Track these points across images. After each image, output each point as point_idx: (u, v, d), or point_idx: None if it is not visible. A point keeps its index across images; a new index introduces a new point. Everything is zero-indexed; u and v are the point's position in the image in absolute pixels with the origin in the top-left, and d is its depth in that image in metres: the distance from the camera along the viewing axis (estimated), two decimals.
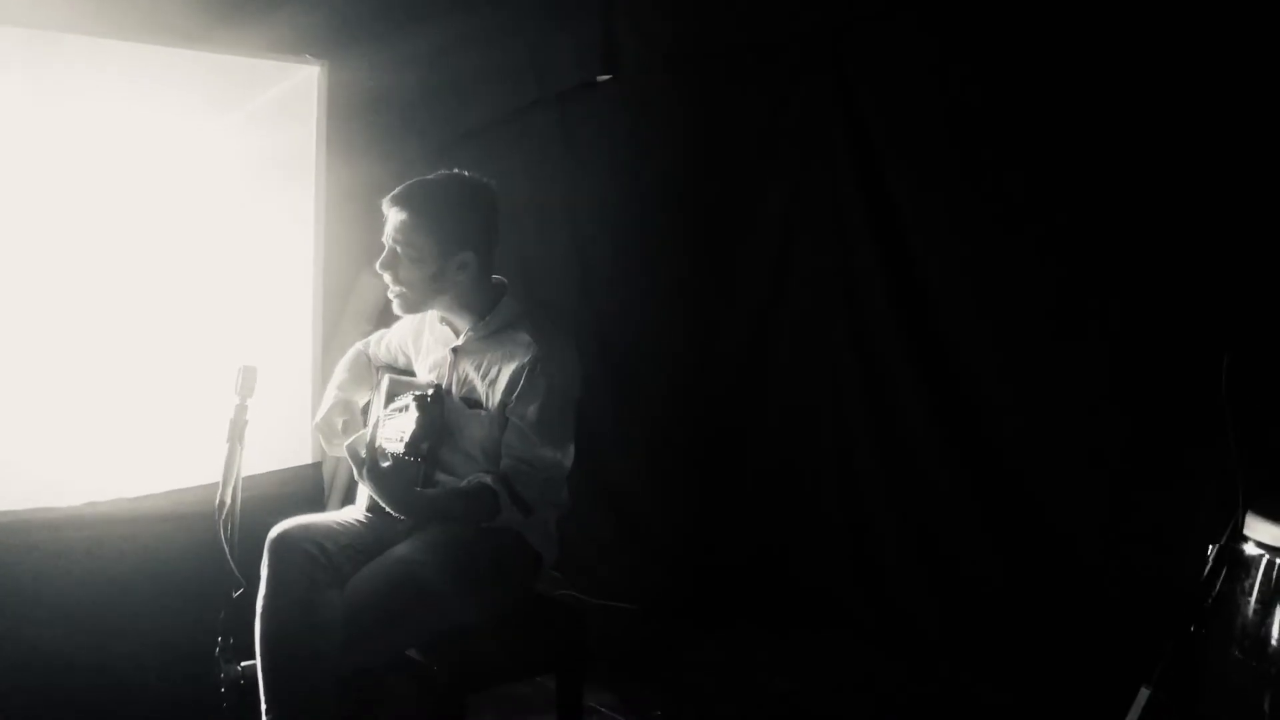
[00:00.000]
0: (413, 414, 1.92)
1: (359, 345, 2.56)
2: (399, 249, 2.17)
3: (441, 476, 2.21)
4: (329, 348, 3.32)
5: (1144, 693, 1.38)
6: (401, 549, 2.13)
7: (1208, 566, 1.46)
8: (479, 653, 2.12)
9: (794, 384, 3.60)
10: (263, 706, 2.01)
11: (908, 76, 3.15)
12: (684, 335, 3.90)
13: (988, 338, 3.03)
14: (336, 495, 3.41)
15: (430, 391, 2.02)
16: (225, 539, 2.11)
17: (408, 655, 2.12)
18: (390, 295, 2.24)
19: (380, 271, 2.20)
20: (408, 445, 1.92)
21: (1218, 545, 1.45)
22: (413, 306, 2.24)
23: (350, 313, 3.62)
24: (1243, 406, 1.46)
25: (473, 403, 2.21)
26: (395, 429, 1.99)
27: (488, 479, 2.08)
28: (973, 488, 3.08)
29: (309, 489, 3.18)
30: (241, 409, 2.12)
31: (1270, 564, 1.71)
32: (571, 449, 2.26)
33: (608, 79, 4.03)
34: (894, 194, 3.21)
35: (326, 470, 3.31)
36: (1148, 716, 1.35)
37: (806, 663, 3.32)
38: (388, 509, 1.98)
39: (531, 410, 2.12)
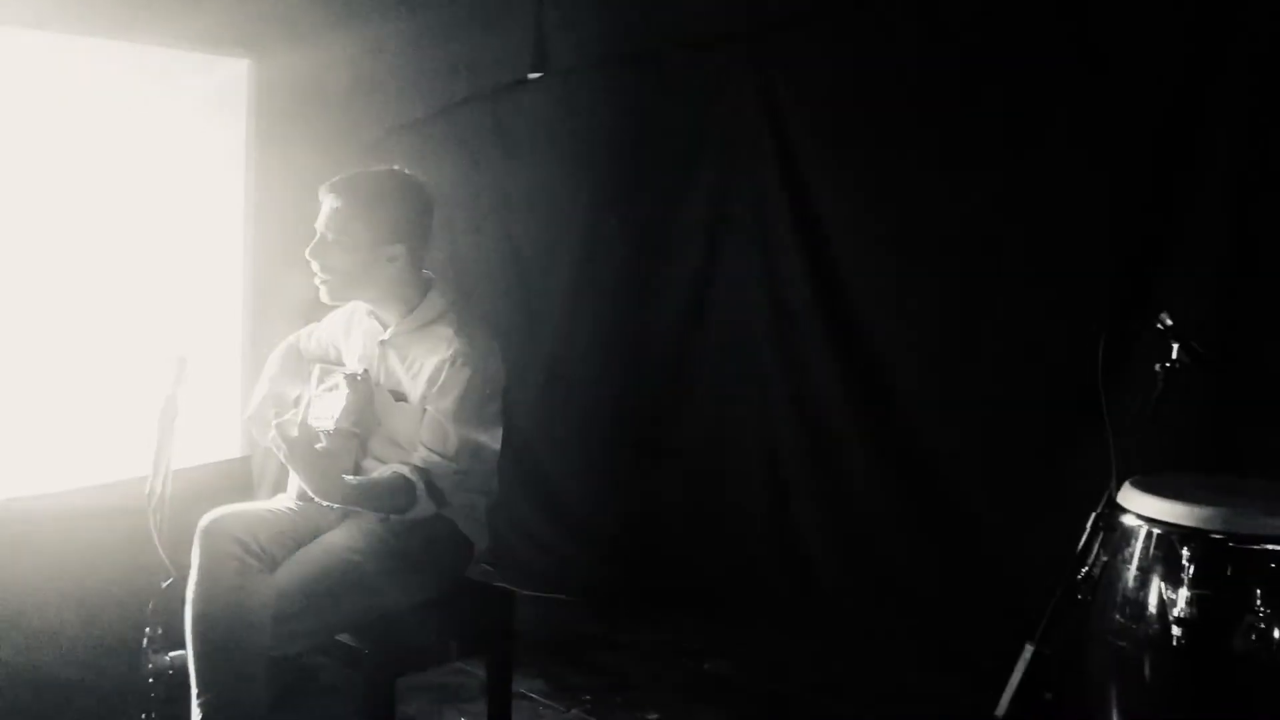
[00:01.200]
0: (342, 393, 1.97)
1: (290, 339, 2.59)
2: (330, 235, 2.21)
3: (369, 464, 2.25)
4: (257, 341, 3.33)
5: (1028, 649, 1.50)
6: (333, 535, 2.18)
7: (1084, 535, 1.58)
8: (410, 636, 2.17)
9: (721, 377, 3.71)
10: (193, 693, 2.04)
11: (825, 80, 3.28)
12: (615, 330, 3.98)
13: (902, 330, 3.17)
14: (266, 489, 3.42)
15: (360, 371, 2.07)
16: (155, 528, 2.13)
17: (339, 640, 2.16)
18: (317, 282, 2.26)
19: (309, 258, 2.23)
20: (338, 422, 1.96)
21: (1094, 513, 1.58)
22: (338, 295, 2.28)
23: (280, 307, 3.62)
24: (1119, 384, 1.59)
25: (399, 395, 2.26)
26: (325, 408, 2.03)
27: (405, 470, 2.14)
28: (889, 474, 3.22)
29: (238, 483, 3.19)
30: (172, 399, 2.14)
31: (1149, 534, 1.85)
32: (499, 435, 2.31)
33: (538, 77, 4.10)
34: (813, 191, 3.34)
35: (255, 464, 3.32)
36: (1032, 670, 1.47)
37: (735, 645, 3.43)
38: (314, 495, 2.02)
39: (450, 402, 2.17)
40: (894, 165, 3.16)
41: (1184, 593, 1.74)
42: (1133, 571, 1.86)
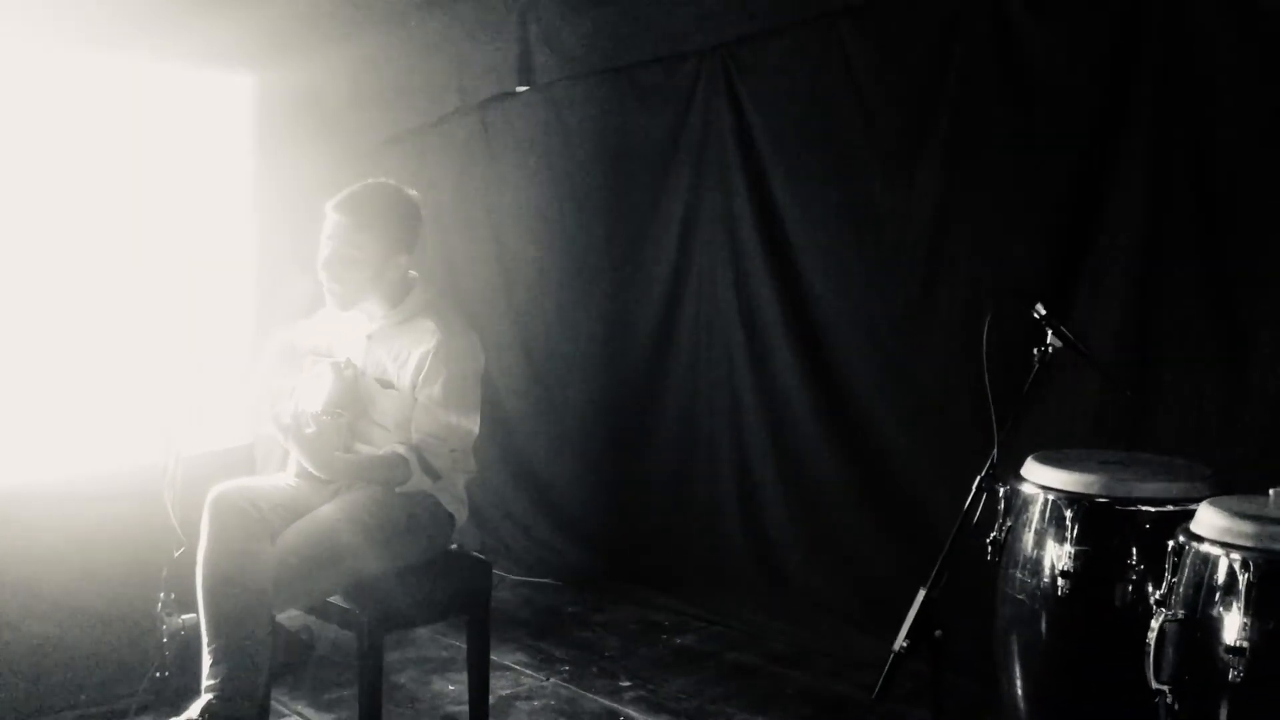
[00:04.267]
0: (328, 379, 2.22)
1: (285, 335, 2.83)
2: (341, 250, 2.45)
3: (360, 446, 2.50)
4: (263, 338, 3.58)
5: (921, 593, 1.74)
6: (327, 508, 2.42)
7: (970, 495, 1.83)
8: (396, 598, 2.42)
9: (694, 374, 3.94)
10: (205, 649, 2.27)
11: (785, 93, 3.53)
12: (598, 329, 4.22)
13: (855, 326, 3.41)
14: (269, 470, 3.68)
15: (344, 361, 2.31)
16: (169, 502, 2.39)
17: (333, 602, 2.40)
18: (327, 293, 2.51)
19: (322, 272, 2.47)
20: (325, 405, 2.22)
21: (979, 477, 1.82)
22: (348, 304, 2.53)
23: (283, 305, 3.88)
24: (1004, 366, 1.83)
25: (385, 383, 2.50)
26: (314, 394, 2.28)
27: (401, 449, 2.39)
28: (846, 463, 3.46)
29: (243, 468, 3.44)
30: (186, 394, 2.38)
31: (1044, 500, 2.09)
32: (477, 419, 2.55)
33: (525, 90, 4.35)
34: (776, 195, 3.58)
35: (259, 449, 3.57)
36: (924, 611, 1.72)
37: (704, 622, 3.68)
38: (310, 469, 2.27)
39: (437, 389, 2.42)
40: (847, 173, 3.41)
41: (1068, 549, 1.98)
42: (1031, 535, 2.11)
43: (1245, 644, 1.53)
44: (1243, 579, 1.55)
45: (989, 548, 2.18)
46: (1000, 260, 3.03)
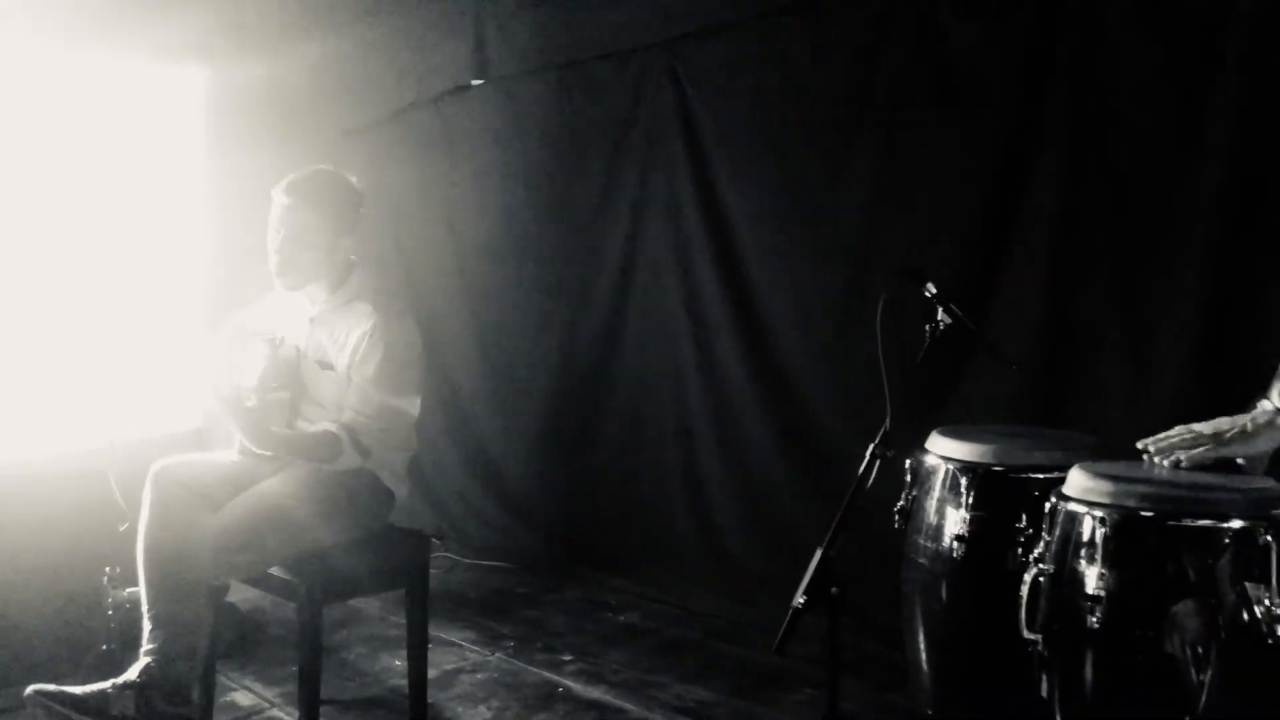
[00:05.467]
0: (263, 355, 2.31)
1: (233, 320, 2.91)
2: (294, 231, 2.54)
3: (301, 425, 2.59)
4: (215, 325, 3.66)
5: (819, 552, 1.85)
6: (269, 482, 2.51)
7: (864, 462, 1.95)
8: (336, 569, 2.51)
9: (643, 360, 4.05)
10: (144, 615, 2.35)
11: (727, 88, 3.64)
12: (550, 317, 4.33)
13: (793, 310, 3.54)
14: (217, 449, 3.76)
15: (279, 337, 2.41)
16: (114, 479, 2.47)
17: (274, 573, 2.48)
18: (279, 275, 2.59)
19: (276, 253, 2.56)
20: (260, 380, 2.31)
21: (871, 445, 1.94)
22: (298, 285, 2.61)
23: (235, 293, 3.95)
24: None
25: (325, 365, 2.59)
26: (250, 370, 2.38)
27: (334, 426, 2.48)
28: (784, 443, 3.58)
29: (193, 450, 3.51)
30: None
31: (945, 470, 2.22)
32: (417, 400, 2.65)
33: (480, 83, 4.45)
34: (719, 185, 3.70)
35: (211, 434, 3.65)
36: (821, 569, 1.83)
37: (649, 601, 3.79)
38: (246, 442, 2.36)
39: (370, 369, 2.51)
40: (787, 168, 3.52)
41: (964, 515, 2.10)
42: (933, 503, 2.23)
43: (1102, 593, 1.66)
44: (1100, 533, 1.68)
45: (896, 517, 2.30)
46: (927, 251, 3.15)
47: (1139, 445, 1.71)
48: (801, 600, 1.86)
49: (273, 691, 2.98)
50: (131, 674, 2.21)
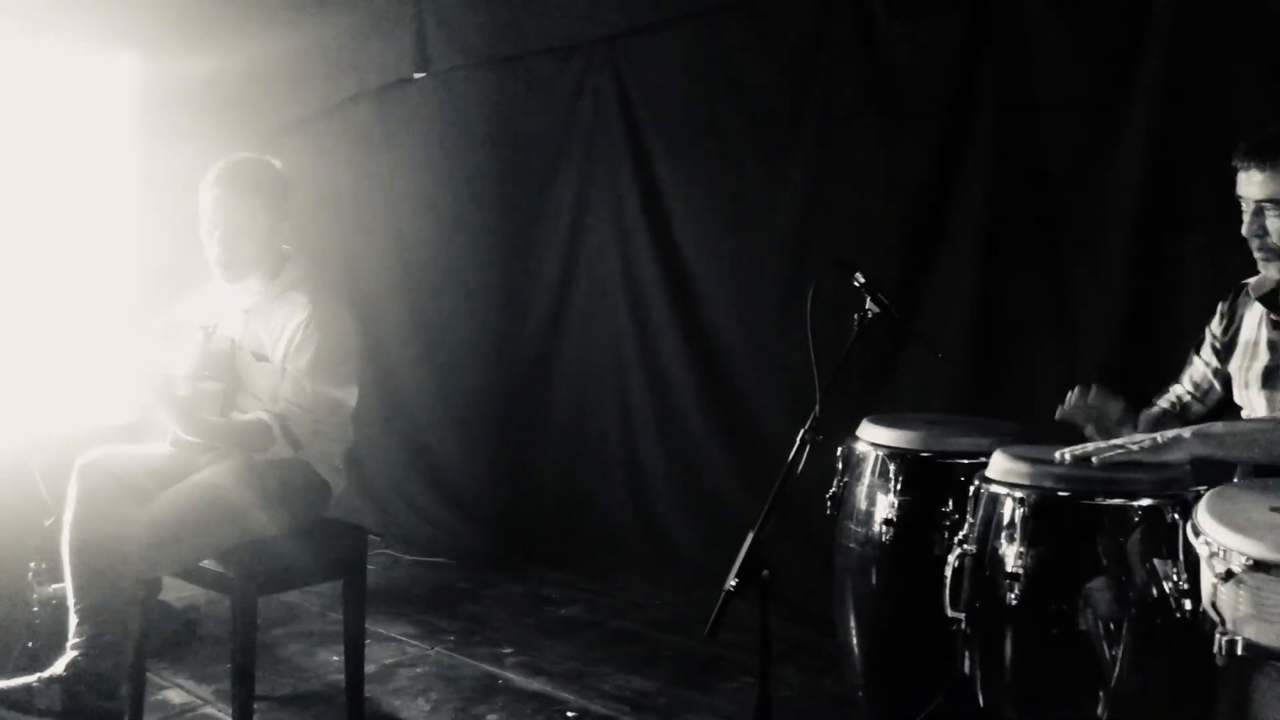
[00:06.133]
0: (197, 344, 2.28)
1: (168, 312, 2.87)
2: (233, 220, 2.51)
3: (236, 416, 2.56)
4: (149, 317, 3.60)
5: (750, 536, 1.89)
6: (203, 474, 2.47)
7: (794, 448, 1.98)
8: (270, 562, 2.48)
9: (585, 355, 4.07)
10: (71, 609, 2.30)
11: (668, 85, 3.68)
12: (492, 313, 4.32)
13: (730, 302, 3.58)
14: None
15: (211, 325, 2.38)
16: (39, 473, 2.42)
17: (206, 566, 2.44)
18: (218, 265, 2.56)
19: (216, 244, 2.52)
20: (193, 368, 2.28)
21: (802, 430, 1.98)
22: (238, 275, 2.58)
23: (169, 285, 3.88)
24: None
25: (261, 356, 2.57)
26: (183, 358, 2.34)
27: (265, 416, 2.46)
28: (724, 436, 3.63)
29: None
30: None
31: (875, 457, 2.27)
32: (354, 391, 2.63)
33: (422, 76, 4.42)
34: (660, 180, 3.74)
35: (145, 427, 3.58)
36: (753, 553, 1.86)
37: (591, 594, 3.80)
38: (178, 430, 2.32)
39: (304, 360, 2.49)
40: (726, 162, 3.57)
41: (892, 499, 2.15)
42: (863, 488, 2.28)
43: (1020, 571, 1.71)
44: (1019, 513, 1.73)
45: (828, 503, 2.34)
46: (863, 244, 3.21)
47: (1056, 456, 1.76)
48: (733, 583, 1.88)
49: (206, 689, 2.94)
50: (57, 668, 2.17)
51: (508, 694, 2.94)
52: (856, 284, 2.03)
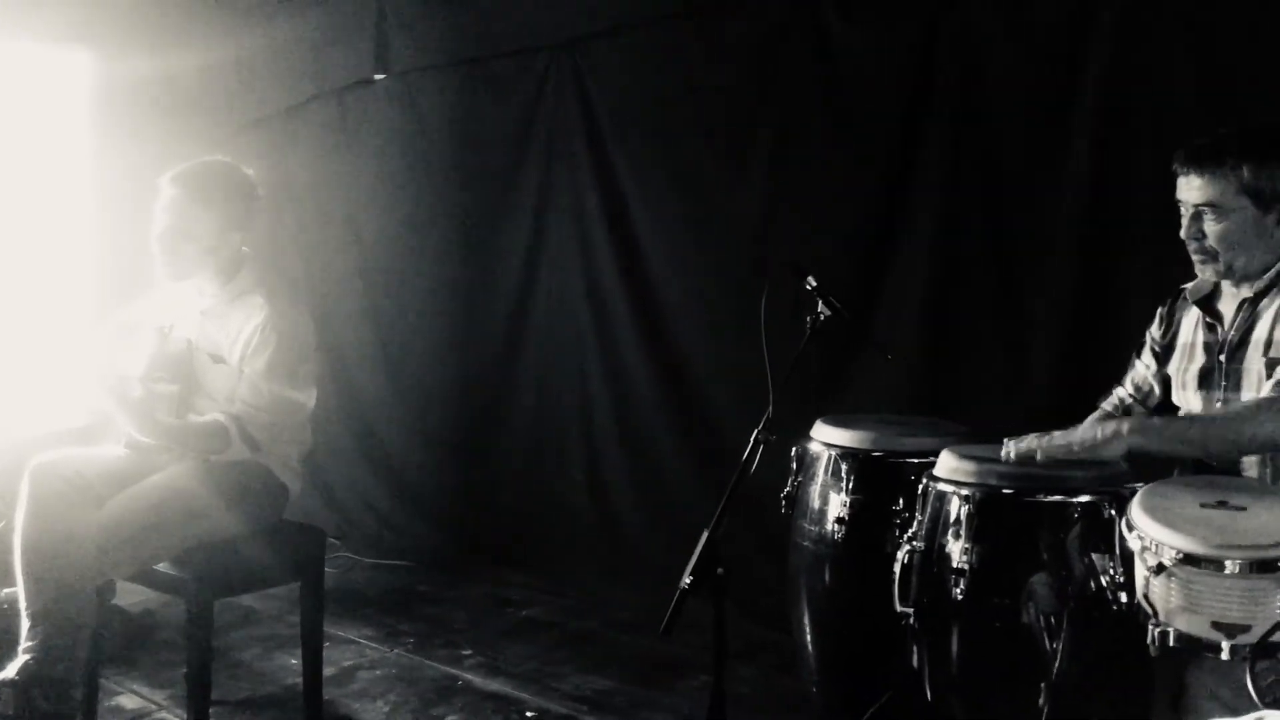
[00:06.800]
0: (151, 345, 2.27)
1: (122, 315, 2.84)
2: (177, 223, 2.49)
3: (192, 418, 2.54)
4: (103, 319, 3.56)
5: (705, 534, 1.92)
6: (158, 476, 2.45)
7: (748, 448, 2.02)
8: (226, 565, 2.47)
9: (545, 355, 4.08)
10: (23, 613, 2.28)
11: (627, 87, 3.71)
12: (453, 315, 4.32)
13: (691, 308, 3.62)
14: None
15: (167, 325, 2.37)
16: None
17: (161, 569, 2.43)
18: (160, 265, 2.54)
19: (156, 244, 2.50)
20: (148, 368, 2.27)
21: (755, 430, 2.01)
22: (180, 277, 2.57)
23: (123, 286, 3.84)
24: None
25: (217, 358, 2.55)
26: (137, 359, 2.33)
27: (222, 417, 2.45)
28: (682, 436, 3.66)
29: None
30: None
31: (828, 456, 2.31)
32: (312, 393, 2.62)
33: (383, 78, 4.41)
34: (620, 180, 3.76)
35: (93, 433, 3.54)
36: (707, 550, 1.90)
37: (553, 596, 3.81)
38: (133, 431, 2.31)
39: (261, 362, 2.48)
40: (685, 168, 3.61)
41: (844, 498, 2.20)
42: (816, 488, 2.32)
43: (966, 566, 1.76)
44: (964, 510, 1.78)
45: (783, 502, 2.38)
46: (818, 248, 3.26)
47: (1003, 450, 1.81)
48: (688, 581, 1.91)
49: (161, 694, 2.92)
50: (9, 672, 2.15)
51: (467, 695, 2.95)
52: (809, 287, 2.07)
